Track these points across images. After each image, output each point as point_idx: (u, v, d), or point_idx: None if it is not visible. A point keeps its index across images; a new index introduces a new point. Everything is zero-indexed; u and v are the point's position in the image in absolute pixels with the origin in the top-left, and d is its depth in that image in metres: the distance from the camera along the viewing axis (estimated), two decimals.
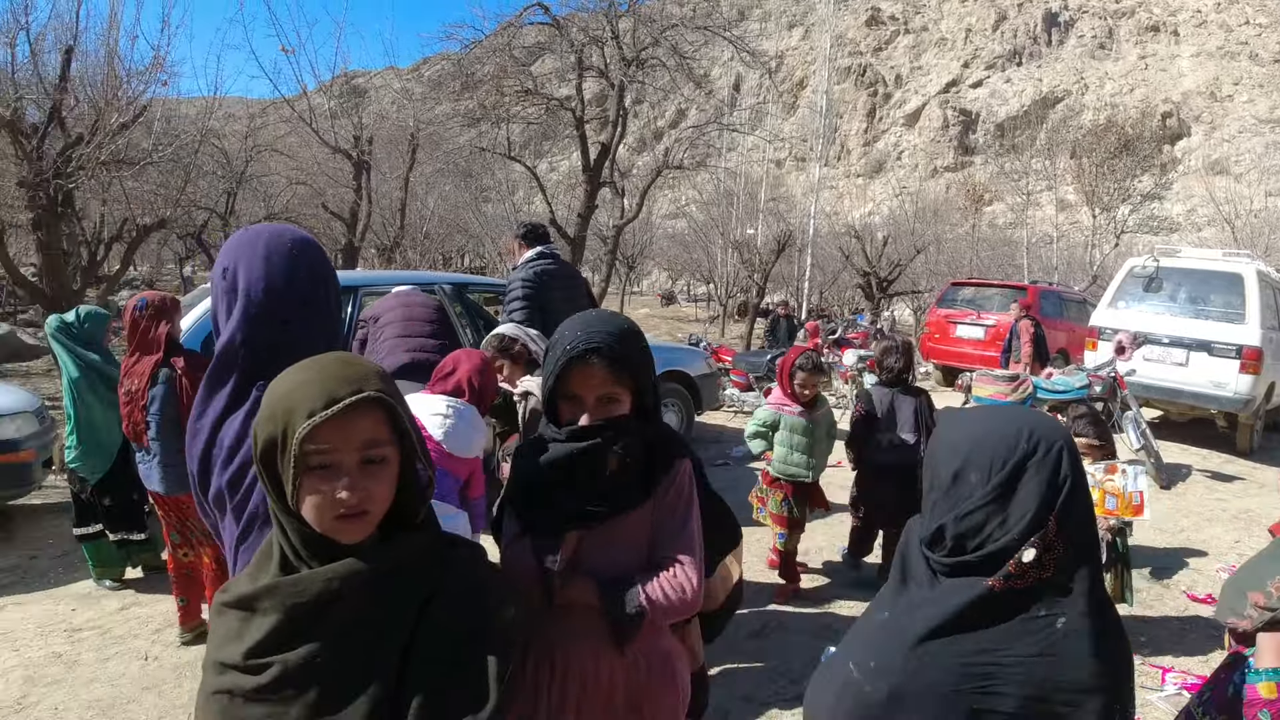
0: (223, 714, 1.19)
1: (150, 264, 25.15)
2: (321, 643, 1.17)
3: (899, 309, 29.37)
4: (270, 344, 1.67)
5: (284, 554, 1.22)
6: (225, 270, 1.73)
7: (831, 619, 4.74)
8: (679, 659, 1.91)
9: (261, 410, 1.22)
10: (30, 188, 10.04)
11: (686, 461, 1.87)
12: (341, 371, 1.20)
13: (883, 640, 1.43)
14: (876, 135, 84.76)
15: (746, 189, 28.92)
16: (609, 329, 1.79)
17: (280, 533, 1.23)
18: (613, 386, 1.78)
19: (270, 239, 1.75)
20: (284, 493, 1.19)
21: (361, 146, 16.28)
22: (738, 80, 60.06)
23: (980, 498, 1.35)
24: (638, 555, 1.80)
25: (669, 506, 1.81)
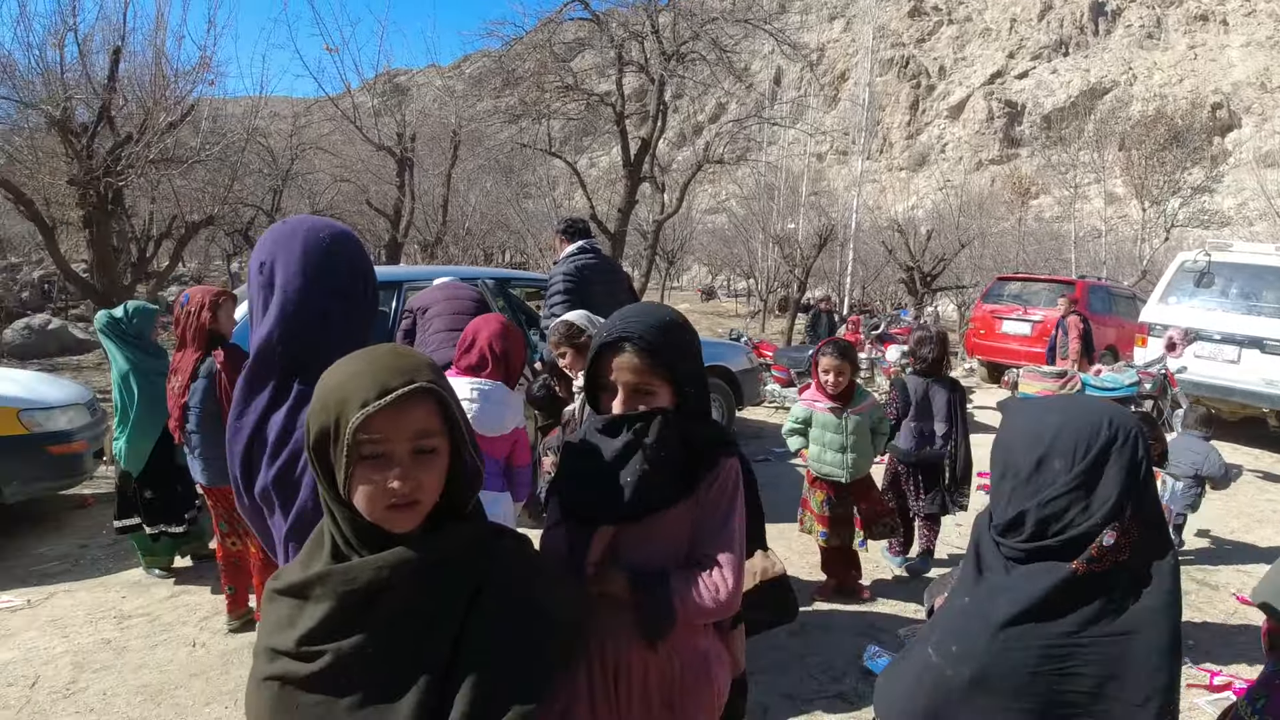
0: (274, 701, 1.20)
1: (199, 260, 25.59)
2: (372, 631, 1.18)
3: (942, 304, 28.98)
4: (308, 339, 1.67)
5: (335, 543, 1.24)
6: (262, 265, 1.71)
7: (874, 617, 4.69)
8: (716, 661, 1.87)
9: (314, 401, 1.23)
10: (81, 186, 10.26)
11: (732, 461, 1.82)
12: (394, 363, 1.21)
13: (964, 626, 1.45)
14: (920, 128, 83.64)
15: (787, 183, 28.72)
16: (647, 319, 1.78)
17: (332, 522, 1.24)
18: (646, 377, 1.76)
19: (307, 233, 1.73)
20: (335, 482, 1.20)
21: (405, 143, 16.41)
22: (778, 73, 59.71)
23: (1064, 484, 1.37)
24: (676, 552, 1.77)
25: (710, 505, 1.76)
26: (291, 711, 1.18)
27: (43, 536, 5.58)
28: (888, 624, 4.52)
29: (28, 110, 11.12)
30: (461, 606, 1.22)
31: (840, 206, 30.44)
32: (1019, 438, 1.47)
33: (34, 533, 5.63)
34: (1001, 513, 1.46)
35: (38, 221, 10.85)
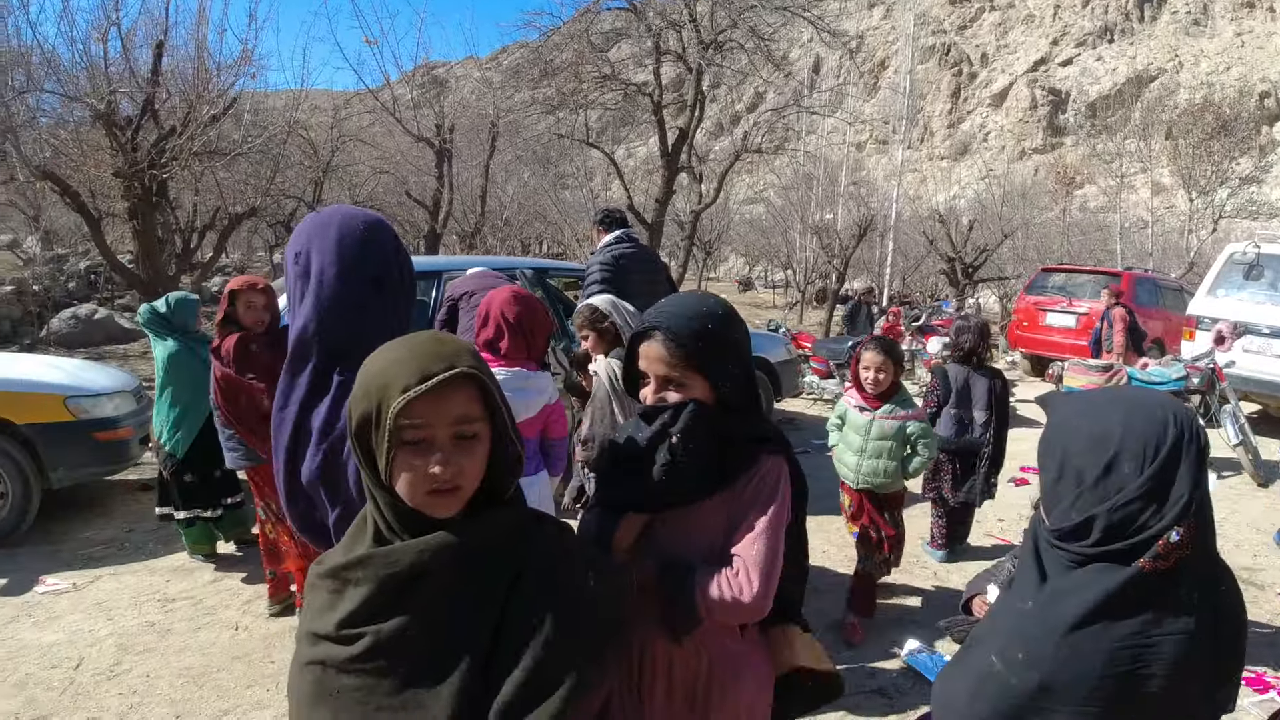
0: (316, 685, 1.20)
1: (242, 251, 25.97)
2: (413, 615, 1.18)
3: (984, 296, 28.59)
4: (346, 327, 1.67)
5: (377, 528, 1.24)
6: (298, 255, 1.72)
7: (911, 612, 4.63)
8: (747, 665, 1.79)
9: (356, 387, 1.23)
10: (126, 178, 10.42)
11: (776, 460, 1.75)
12: (435, 348, 1.21)
13: (1028, 631, 1.41)
14: (961, 116, 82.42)
15: (826, 173, 28.43)
16: (681, 310, 1.74)
17: (374, 507, 1.25)
18: (674, 369, 1.72)
19: (342, 222, 1.73)
20: (377, 467, 1.20)
21: (443, 135, 16.49)
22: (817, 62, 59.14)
23: (1137, 488, 1.32)
24: (711, 548, 1.72)
25: (746, 503, 1.71)
26: (332, 695, 1.19)
27: (89, 521, 5.69)
28: (926, 618, 4.45)
29: (73, 104, 11.30)
30: (502, 592, 1.22)
31: (880, 196, 30.12)
32: (1079, 438, 1.41)
33: (80, 517, 5.75)
34: (1063, 517, 1.40)
35: (84, 213, 11.04)
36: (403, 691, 1.16)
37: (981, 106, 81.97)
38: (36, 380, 5.44)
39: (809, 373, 11.23)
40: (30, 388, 5.32)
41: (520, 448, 1.30)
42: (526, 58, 19.56)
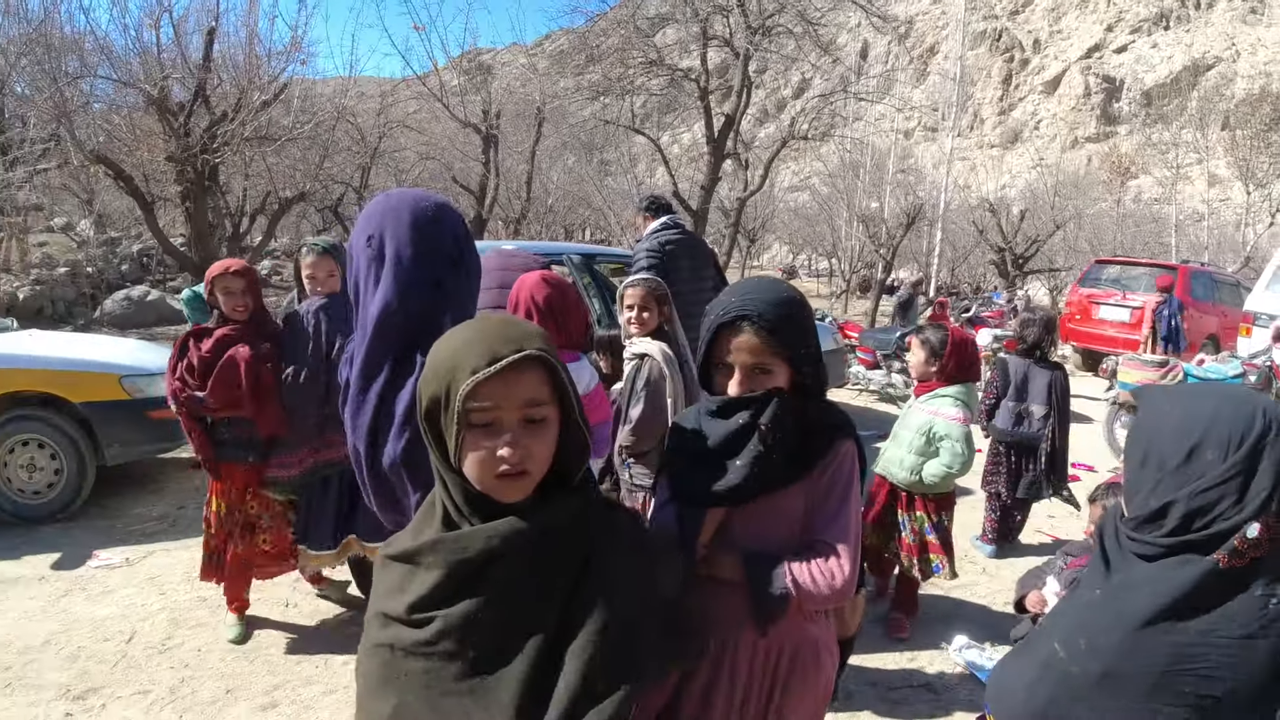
0: (385, 667, 1.21)
1: (290, 235, 26.26)
2: (482, 600, 1.19)
3: (1033, 287, 28.10)
4: (424, 307, 1.69)
5: (446, 511, 1.25)
6: (370, 238, 1.73)
7: (959, 607, 4.56)
8: (825, 649, 1.81)
9: (425, 369, 1.23)
10: (178, 163, 10.58)
11: (849, 444, 1.76)
12: (504, 331, 1.21)
13: (1095, 620, 1.37)
14: (1013, 103, 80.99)
15: (873, 160, 28.07)
16: (764, 296, 1.72)
17: (443, 490, 1.25)
18: (764, 356, 1.70)
19: (413, 204, 1.75)
20: (447, 450, 1.21)
21: (490, 121, 16.53)
22: (865, 47, 58.45)
23: (1218, 475, 1.28)
24: (789, 535, 1.73)
25: (825, 489, 1.72)
26: (399, 678, 1.19)
27: (142, 498, 5.79)
28: (976, 615, 4.39)
29: (126, 89, 11.49)
30: (570, 577, 1.22)
31: (928, 185, 29.69)
32: (1165, 426, 1.37)
33: (133, 494, 5.85)
34: (1142, 504, 1.36)
35: (137, 197, 11.24)
36: (470, 676, 1.17)
37: (1033, 94, 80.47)
38: (92, 360, 5.54)
39: (855, 363, 11.10)
40: (86, 367, 5.42)
41: (588, 433, 1.29)
42: (572, 43, 19.52)
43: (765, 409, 1.67)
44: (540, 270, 3.00)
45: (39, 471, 5.31)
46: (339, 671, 3.66)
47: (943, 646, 4.04)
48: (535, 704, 1.15)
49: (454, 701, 1.16)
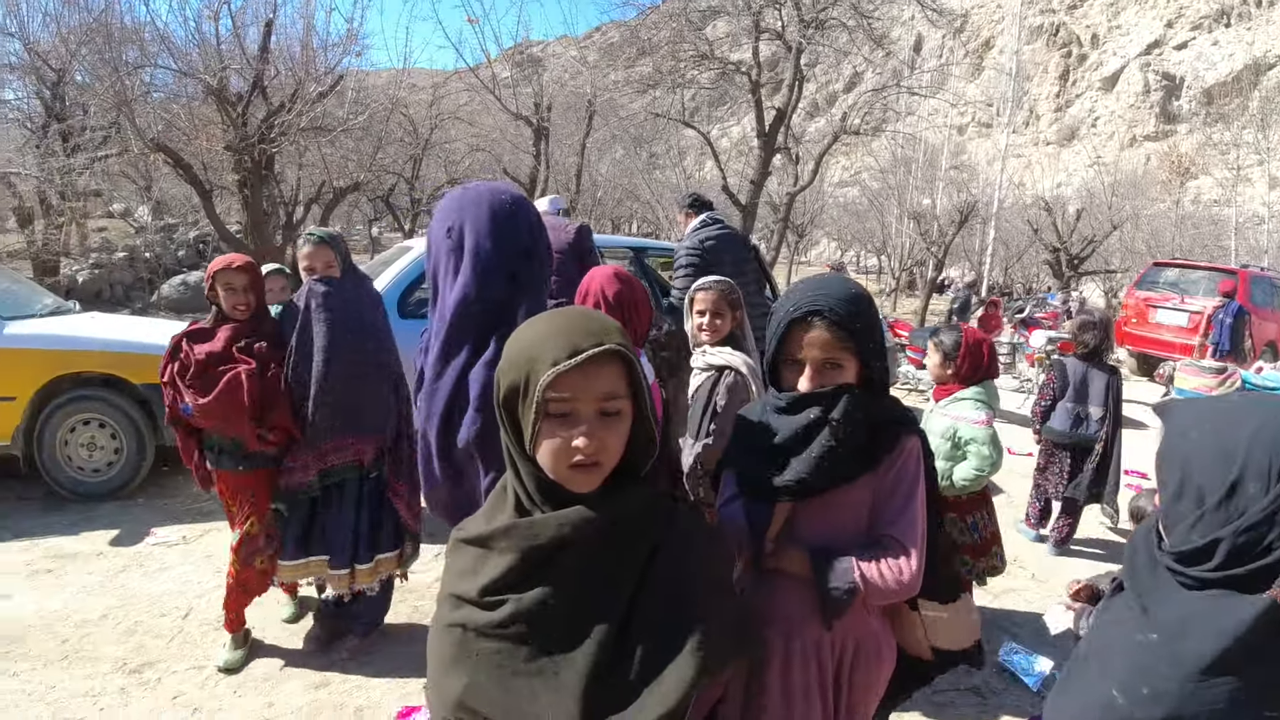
0: (457, 647, 1.24)
1: (341, 224, 26.65)
2: (553, 586, 1.22)
3: (1088, 289, 27.53)
4: (501, 296, 1.78)
5: (517, 498, 1.28)
6: (450, 229, 1.81)
7: (1009, 612, 4.49)
8: (886, 644, 1.84)
9: (504, 359, 1.26)
10: (236, 152, 10.76)
11: (915, 440, 1.78)
12: (584, 324, 1.24)
13: (1154, 664, 1.30)
14: (1070, 100, 79.28)
15: (926, 156, 27.69)
16: (834, 292, 1.73)
17: (515, 477, 1.28)
18: (835, 351, 1.71)
19: (491, 197, 1.84)
20: (522, 438, 1.24)
21: (541, 113, 16.59)
22: (919, 40, 57.66)
23: (1263, 508, 1.22)
24: (855, 530, 1.75)
25: (891, 484, 1.74)
26: (471, 658, 1.23)
27: None
28: (1025, 620, 4.32)
29: (185, 80, 11.71)
30: (638, 567, 1.25)
31: (982, 182, 29.25)
32: (1201, 452, 1.30)
33: (190, 474, 5.94)
34: (1183, 538, 1.30)
35: (196, 185, 11.44)
36: (538, 658, 1.20)
37: (1091, 90, 78.68)
38: (154, 343, 5.63)
39: (904, 361, 10.97)
40: (147, 349, 5.51)
41: (658, 428, 1.31)
42: (623, 36, 19.50)
43: (835, 404, 1.69)
44: (613, 266, 3.00)
45: (99, 450, 5.44)
46: (390, 654, 3.70)
47: (990, 651, 3.98)
48: (601, 688, 1.17)
49: (523, 682, 1.19)
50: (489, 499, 1.37)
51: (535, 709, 1.17)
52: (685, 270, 4.80)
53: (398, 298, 5.57)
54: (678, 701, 1.16)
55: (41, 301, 6.43)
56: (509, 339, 1.29)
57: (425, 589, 4.33)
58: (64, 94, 14.70)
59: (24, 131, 15.78)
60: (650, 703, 1.16)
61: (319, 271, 3.58)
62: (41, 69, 14.36)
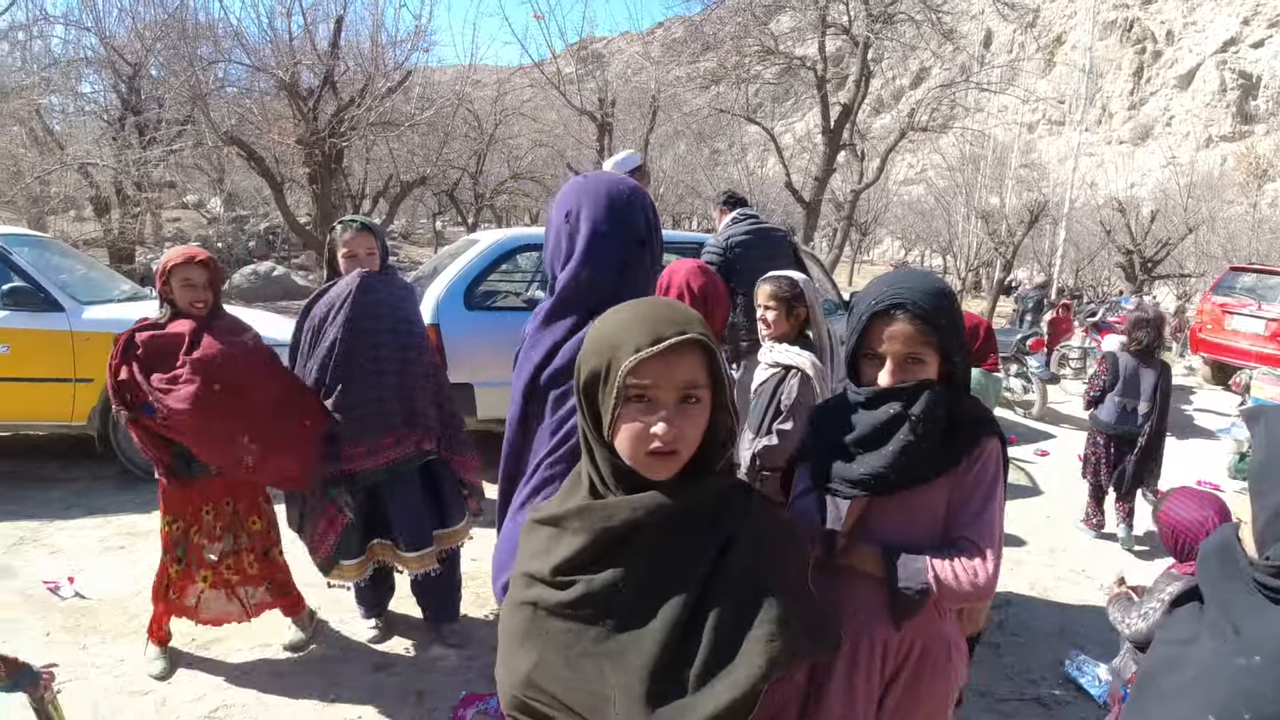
0: (527, 624, 1.25)
1: (406, 218, 27.06)
2: (624, 569, 1.22)
3: (1160, 293, 26.74)
4: (611, 283, 1.83)
5: (592, 482, 1.29)
6: (569, 214, 1.89)
7: (1077, 620, 4.34)
8: (955, 648, 1.78)
9: (587, 344, 1.28)
10: (307, 145, 10.97)
11: (995, 442, 1.73)
12: (668, 313, 1.25)
13: (1258, 688, 1.23)
14: (1144, 98, 77.15)
15: (995, 154, 27.11)
16: (918, 285, 1.69)
17: (590, 462, 1.29)
18: (917, 346, 1.67)
19: (610, 186, 1.89)
20: (601, 424, 1.24)
21: (605, 108, 16.63)
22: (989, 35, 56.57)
23: None
24: (930, 530, 1.70)
25: (969, 485, 1.69)
26: (542, 636, 1.24)
27: None
28: (1092, 630, 4.17)
29: (258, 75, 11.97)
30: (710, 557, 1.24)
31: (1052, 181, 28.56)
32: None
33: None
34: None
35: (268, 178, 11.70)
36: (607, 640, 1.20)
37: (1166, 88, 76.48)
38: None
39: None
40: None
41: (735, 420, 1.30)
42: (688, 31, 19.44)
43: (916, 400, 1.65)
44: (695, 260, 3.00)
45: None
46: (453, 636, 3.72)
47: (1055, 662, 3.87)
48: (668, 672, 1.17)
49: (591, 663, 1.19)
50: (565, 482, 1.38)
51: (602, 689, 1.17)
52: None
53: (464, 290, 5.61)
54: (747, 690, 1.14)
55: (119, 287, 6.60)
56: (592, 326, 1.31)
57: (485, 576, 4.33)
58: (139, 87, 15.13)
59: (101, 124, 16.29)
60: (720, 688, 1.15)
61: (361, 259, 3.48)
62: (117, 63, 14.80)
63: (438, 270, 6.04)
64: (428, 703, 3.23)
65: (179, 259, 3.20)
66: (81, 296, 5.74)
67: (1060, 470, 6.94)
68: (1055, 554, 5.22)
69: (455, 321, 5.52)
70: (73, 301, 5.61)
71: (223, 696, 3.19)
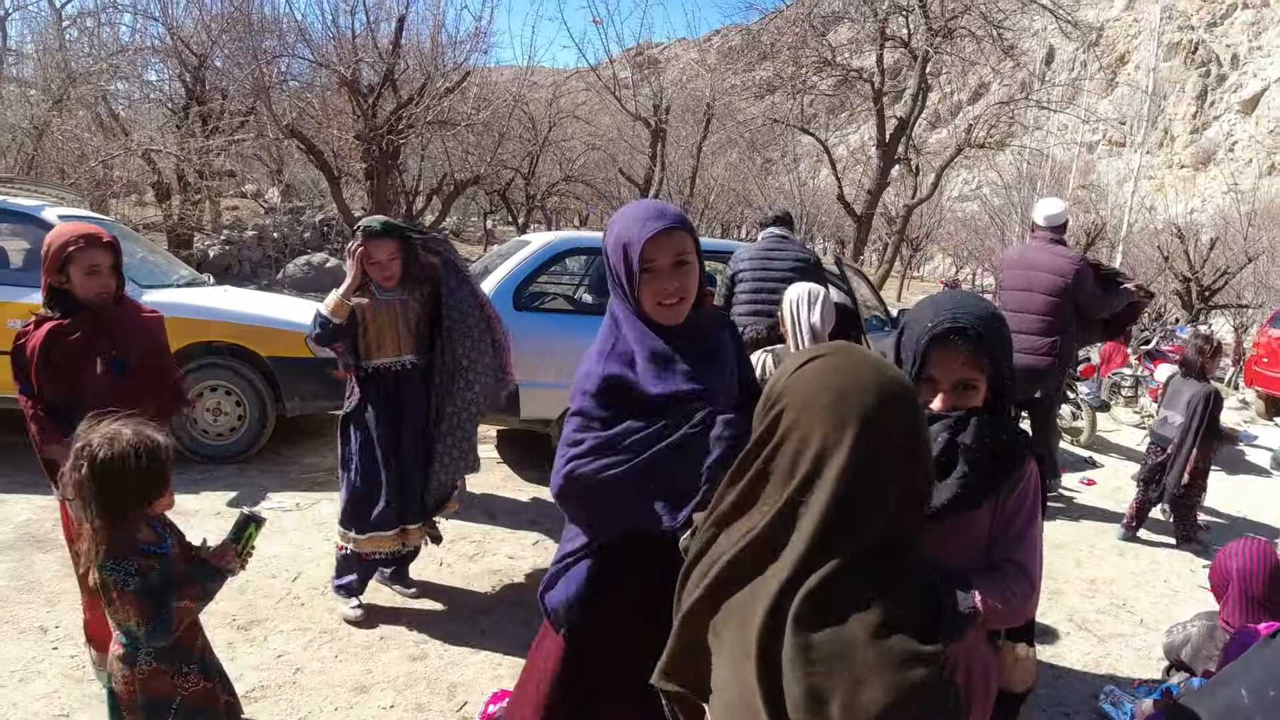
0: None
1: (457, 215, 27.31)
2: None
3: (1217, 322, 26.09)
4: None
5: None
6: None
7: (1110, 658, 4.22)
8: (993, 675, 1.78)
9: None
10: (365, 141, 11.14)
11: (1033, 464, 1.73)
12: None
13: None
14: (1206, 122, 75.36)
15: (1053, 173, 26.66)
16: (973, 309, 1.69)
17: None
18: (971, 372, 1.67)
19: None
20: None
21: (660, 114, 16.68)
22: (1050, 53, 55.67)
23: None
24: (973, 554, 1.70)
25: (1012, 508, 1.70)
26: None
27: (316, 449, 6.15)
28: (1128, 667, 4.09)
29: (320, 70, 12.18)
30: None
31: (1110, 203, 28.02)
32: None
33: (308, 444, 6.23)
34: None
35: (325, 171, 11.89)
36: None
37: (1229, 112, 74.68)
38: (282, 318, 5.87)
39: None
40: (277, 324, 5.76)
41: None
42: (745, 40, 19.43)
43: (964, 428, 1.64)
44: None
45: (224, 416, 5.68)
46: (487, 632, 3.76)
47: (1089, 696, 3.80)
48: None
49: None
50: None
51: None
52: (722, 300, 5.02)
53: (513, 290, 5.66)
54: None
55: (179, 273, 6.76)
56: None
57: (525, 575, 4.38)
58: (204, 78, 15.46)
59: (165, 111, 16.66)
60: None
61: (384, 265, 3.50)
62: (183, 53, 15.12)
63: (488, 270, 6.09)
64: (459, 695, 3.26)
65: (79, 240, 2.71)
66: (142, 280, 5.88)
67: (1107, 500, 6.80)
68: (1096, 585, 5.11)
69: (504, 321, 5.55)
70: (133, 285, 5.73)
71: (259, 678, 3.25)
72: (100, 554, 2.01)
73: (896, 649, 1.00)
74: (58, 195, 6.95)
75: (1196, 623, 3.41)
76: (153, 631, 2.05)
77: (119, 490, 2.00)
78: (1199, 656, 3.21)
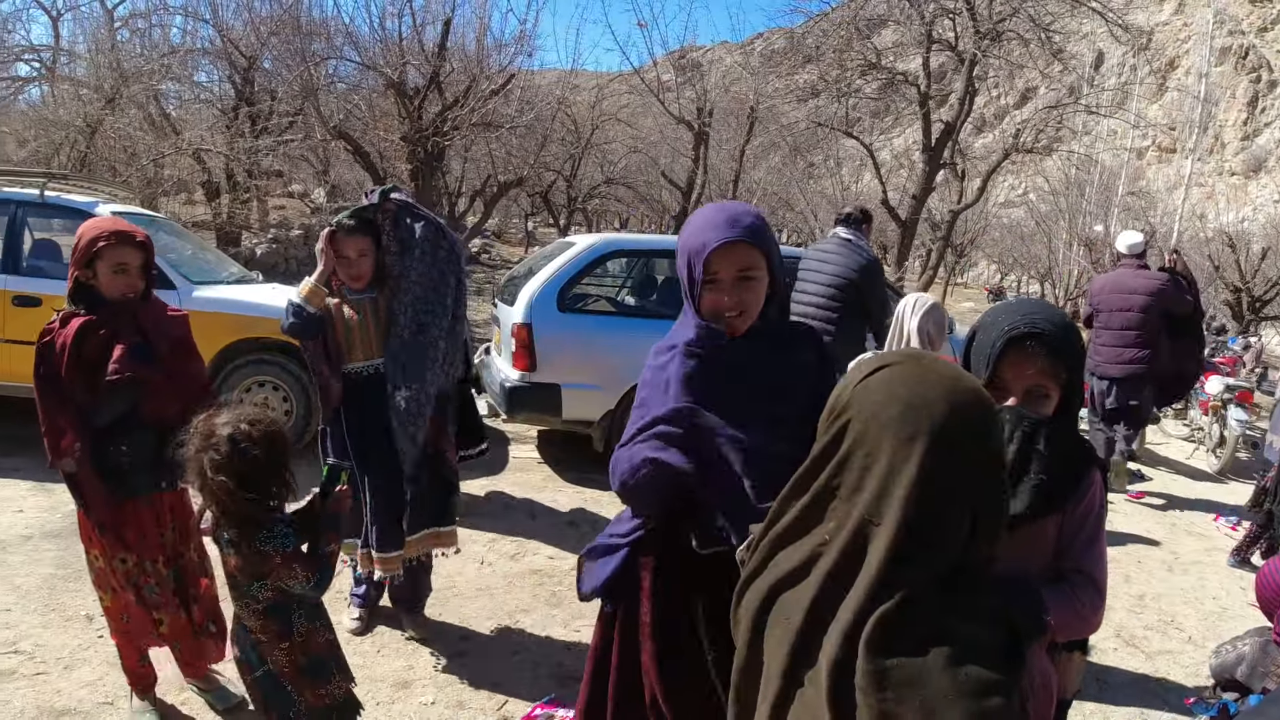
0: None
1: (499, 217, 27.51)
2: None
3: (1268, 334, 25.44)
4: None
5: None
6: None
7: (1156, 675, 4.12)
8: (1054, 686, 1.75)
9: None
10: (411, 143, 11.25)
11: (1098, 473, 1.73)
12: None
13: None
14: (1258, 128, 73.50)
15: (1101, 179, 26.15)
16: (1049, 316, 1.68)
17: None
18: (1046, 379, 1.65)
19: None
20: None
21: (703, 118, 16.65)
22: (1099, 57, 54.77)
23: None
24: (1041, 561, 1.70)
25: (1080, 516, 1.69)
26: None
27: None
28: (1175, 685, 3.98)
29: (367, 72, 12.32)
30: None
31: (1160, 210, 27.46)
32: None
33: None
34: None
35: (371, 172, 12.01)
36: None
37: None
38: None
39: None
40: None
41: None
42: (789, 43, 19.34)
43: (1037, 436, 1.62)
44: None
45: (271, 411, 5.74)
46: (524, 631, 3.78)
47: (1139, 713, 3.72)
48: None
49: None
50: None
51: None
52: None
53: (557, 291, 5.67)
54: None
55: (228, 270, 6.87)
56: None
57: (563, 575, 4.38)
58: (253, 79, 15.71)
59: (215, 112, 16.95)
60: None
61: (352, 262, 3.29)
62: (233, 55, 15.38)
63: (532, 271, 6.12)
64: (500, 694, 3.27)
65: (113, 238, 2.62)
66: (193, 277, 5.99)
67: (1155, 515, 6.67)
68: (1144, 601, 5.01)
69: (547, 322, 5.59)
70: (184, 281, 5.85)
71: None
72: (249, 531, 2.15)
73: (972, 677, 0.97)
74: (110, 192, 7.10)
75: (1248, 640, 3.33)
76: (319, 580, 2.19)
77: (261, 467, 2.13)
78: (1255, 674, 3.14)
